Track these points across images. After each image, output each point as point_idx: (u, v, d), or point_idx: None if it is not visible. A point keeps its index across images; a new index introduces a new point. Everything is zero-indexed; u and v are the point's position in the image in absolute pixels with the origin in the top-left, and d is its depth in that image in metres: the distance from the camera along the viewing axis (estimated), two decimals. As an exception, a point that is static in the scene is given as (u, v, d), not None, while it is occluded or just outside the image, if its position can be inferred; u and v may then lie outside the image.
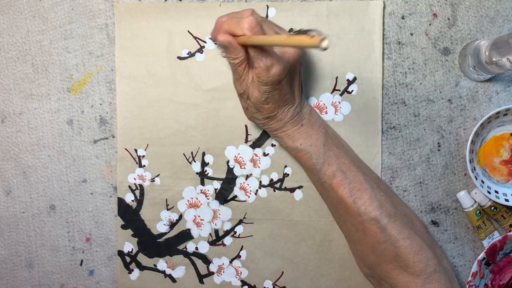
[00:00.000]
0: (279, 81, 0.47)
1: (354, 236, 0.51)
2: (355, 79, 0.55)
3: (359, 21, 0.55)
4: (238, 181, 0.56)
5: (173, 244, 0.57)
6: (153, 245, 0.57)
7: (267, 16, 0.55)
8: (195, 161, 0.56)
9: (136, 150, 0.56)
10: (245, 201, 0.56)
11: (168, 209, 0.56)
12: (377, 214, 0.49)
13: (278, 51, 0.47)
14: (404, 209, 0.53)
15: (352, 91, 0.55)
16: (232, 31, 0.46)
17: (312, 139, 0.51)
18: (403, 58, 0.56)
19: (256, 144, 0.56)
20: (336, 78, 0.55)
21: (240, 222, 0.56)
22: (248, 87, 0.49)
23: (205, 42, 0.55)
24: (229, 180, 0.56)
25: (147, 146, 0.56)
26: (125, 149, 0.56)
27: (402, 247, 0.48)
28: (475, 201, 0.56)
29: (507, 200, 0.55)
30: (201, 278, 0.57)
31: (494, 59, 0.50)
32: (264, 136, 0.56)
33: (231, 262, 0.57)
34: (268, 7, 0.55)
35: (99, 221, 0.57)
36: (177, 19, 0.55)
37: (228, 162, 0.56)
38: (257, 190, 0.56)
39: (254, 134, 0.56)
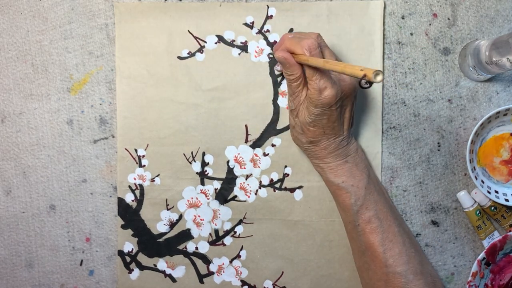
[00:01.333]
0: (329, 105, 0.47)
1: (374, 285, 0.51)
2: (355, 79, 0.55)
3: (359, 21, 0.55)
4: (238, 181, 0.56)
5: (173, 244, 0.57)
6: (153, 245, 0.57)
7: (267, 16, 0.55)
8: (195, 161, 0.56)
9: (136, 150, 0.56)
10: (245, 201, 0.56)
11: (168, 209, 0.56)
12: (403, 269, 0.49)
13: (335, 77, 0.48)
14: (429, 268, 0.53)
15: (352, 91, 0.56)
16: (292, 49, 0.48)
17: (355, 179, 0.51)
18: (403, 58, 0.56)
19: (256, 144, 0.56)
20: (336, 78, 0.55)
21: (240, 222, 0.56)
22: (299, 105, 0.49)
23: (205, 42, 0.55)
24: (229, 180, 0.56)
25: (147, 146, 0.56)
26: (125, 149, 0.56)
27: None
28: (475, 201, 0.56)
29: (507, 200, 0.55)
30: (201, 278, 0.57)
31: (494, 59, 0.50)
32: (264, 136, 0.56)
33: (231, 262, 0.57)
34: (268, 7, 0.55)
35: (99, 221, 0.57)
36: (177, 19, 0.55)
37: (228, 162, 0.56)
38: (257, 190, 0.56)
39: (254, 134, 0.56)
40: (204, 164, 0.56)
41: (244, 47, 0.55)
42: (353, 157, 0.51)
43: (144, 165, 0.56)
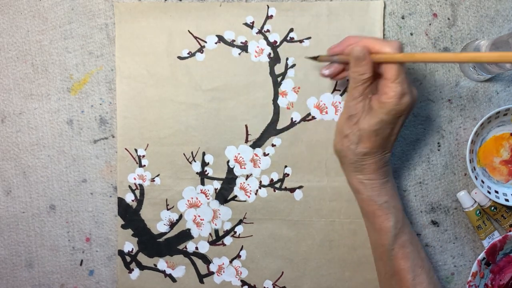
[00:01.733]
0: (402, 113, 0.44)
1: None
2: (355, 79, 0.55)
3: (359, 21, 0.55)
4: (238, 181, 0.56)
5: (173, 244, 0.57)
6: (153, 245, 0.57)
7: (267, 16, 0.55)
8: (195, 161, 0.56)
9: (136, 150, 0.56)
10: (245, 201, 0.56)
11: (168, 209, 0.56)
12: None
13: (411, 86, 0.45)
14: None
15: (352, 91, 0.55)
16: (376, 48, 0.44)
17: (395, 200, 0.48)
18: (403, 58, 0.56)
19: (256, 144, 0.56)
20: (336, 78, 0.55)
21: (240, 222, 0.56)
22: (361, 111, 0.45)
23: (205, 42, 0.55)
24: (229, 180, 0.56)
25: (147, 146, 0.56)
26: (125, 149, 0.56)
27: None
28: (475, 201, 0.56)
29: (507, 200, 0.55)
30: (201, 278, 0.57)
31: (494, 59, 0.50)
32: (264, 136, 0.56)
33: (231, 262, 0.57)
34: (268, 7, 0.55)
35: (99, 221, 0.57)
36: (177, 19, 0.55)
37: (228, 162, 0.56)
38: (257, 190, 0.56)
39: (254, 134, 0.56)
40: (204, 164, 0.56)
41: (244, 47, 0.55)
42: (391, 177, 0.49)
43: (144, 165, 0.56)
